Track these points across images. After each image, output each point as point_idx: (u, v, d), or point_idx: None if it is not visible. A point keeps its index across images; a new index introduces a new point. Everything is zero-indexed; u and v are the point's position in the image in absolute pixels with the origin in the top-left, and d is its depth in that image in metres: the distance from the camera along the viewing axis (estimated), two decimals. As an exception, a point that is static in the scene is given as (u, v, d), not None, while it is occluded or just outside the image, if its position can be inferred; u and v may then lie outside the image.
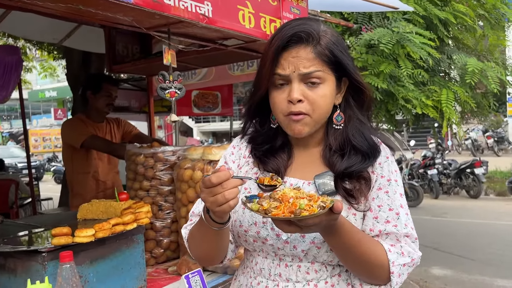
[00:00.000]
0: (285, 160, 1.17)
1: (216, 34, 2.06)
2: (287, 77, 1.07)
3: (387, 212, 1.09)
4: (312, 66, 1.06)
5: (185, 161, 2.13)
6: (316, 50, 1.06)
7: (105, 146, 2.93)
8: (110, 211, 1.98)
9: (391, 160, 1.15)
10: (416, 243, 1.11)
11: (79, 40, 3.42)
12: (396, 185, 1.12)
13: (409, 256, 1.07)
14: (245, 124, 1.24)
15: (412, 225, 1.11)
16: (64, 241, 1.52)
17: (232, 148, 1.27)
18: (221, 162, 1.28)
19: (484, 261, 5.74)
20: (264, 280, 1.14)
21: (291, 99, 1.06)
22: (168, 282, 2.02)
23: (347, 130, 1.14)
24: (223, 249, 1.18)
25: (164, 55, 1.79)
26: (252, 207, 0.94)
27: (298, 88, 1.06)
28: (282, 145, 1.19)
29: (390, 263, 1.04)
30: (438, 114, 4.06)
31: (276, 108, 1.11)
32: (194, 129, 24.75)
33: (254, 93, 1.16)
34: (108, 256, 1.74)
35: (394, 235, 1.08)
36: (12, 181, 6.99)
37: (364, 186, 1.10)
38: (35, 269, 1.54)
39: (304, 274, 1.10)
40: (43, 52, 8.27)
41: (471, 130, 17.36)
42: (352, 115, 1.15)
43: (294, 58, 1.06)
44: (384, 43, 3.49)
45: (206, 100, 5.45)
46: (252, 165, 1.21)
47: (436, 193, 10.57)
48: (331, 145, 1.13)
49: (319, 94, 1.07)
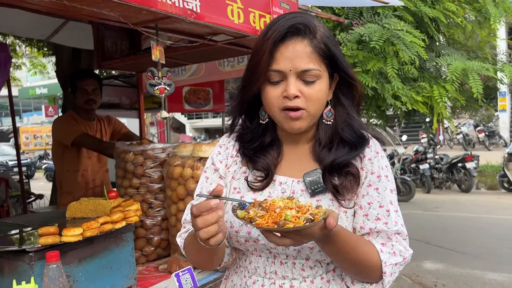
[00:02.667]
0: (275, 158, 1.16)
1: (205, 30, 2.04)
2: (283, 73, 1.05)
3: (377, 209, 1.08)
4: (311, 63, 1.04)
5: (175, 158, 2.11)
6: (312, 43, 1.05)
7: (95, 145, 2.90)
8: (99, 209, 1.95)
9: (381, 155, 1.14)
10: (407, 240, 1.10)
11: (67, 36, 3.36)
12: (387, 181, 1.11)
13: (400, 255, 1.07)
14: (233, 120, 1.22)
15: (402, 222, 1.10)
16: (52, 241, 1.50)
17: (219, 147, 1.25)
18: (208, 163, 1.25)
19: (475, 255, 5.79)
20: (259, 279, 1.13)
21: (288, 95, 1.04)
22: (159, 280, 2.01)
23: (337, 124, 1.13)
24: (220, 257, 1.17)
25: (152, 51, 1.76)
26: (238, 215, 0.93)
27: (295, 84, 1.05)
28: (271, 142, 1.17)
29: (382, 263, 1.04)
30: (428, 110, 4.08)
31: (271, 104, 1.08)
32: (187, 125, 24.66)
33: (246, 89, 1.12)
34: (97, 255, 1.72)
35: (385, 233, 1.08)
36: (2, 179, 6.93)
37: (352, 182, 1.08)
38: (22, 269, 1.52)
39: (300, 271, 1.09)
40: (33, 49, 8.18)
41: (462, 125, 17.50)
42: (341, 111, 1.14)
43: (291, 53, 1.04)
44: (375, 40, 3.48)
45: (197, 96, 5.42)
46: (240, 164, 1.19)
47: (428, 188, 10.65)
48: (321, 140, 1.13)
49: (315, 90, 1.06)
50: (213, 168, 1.22)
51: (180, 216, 2.07)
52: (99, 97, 3.04)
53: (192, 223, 0.96)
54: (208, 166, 1.24)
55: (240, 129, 1.21)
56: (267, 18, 2.17)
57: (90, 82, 2.95)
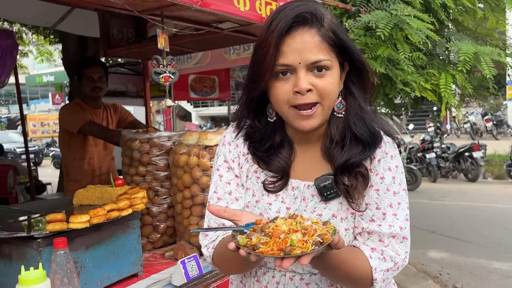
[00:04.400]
0: (288, 159, 1.10)
1: (211, 17, 2.03)
2: (292, 66, 0.99)
3: (373, 211, 1.04)
4: (320, 53, 0.98)
5: (181, 147, 2.11)
6: (320, 32, 0.99)
7: (101, 133, 2.91)
8: (105, 196, 1.97)
9: (392, 155, 1.07)
10: (405, 243, 1.04)
11: (73, 24, 3.35)
12: (392, 182, 1.05)
13: (391, 261, 1.02)
14: (240, 120, 1.15)
15: (403, 225, 1.04)
16: (59, 227, 1.52)
17: (228, 145, 1.17)
18: (220, 161, 1.17)
19: (481, 244, 5.78)
20: (270, 271, 1.12)
21: (300, 89, 0.98)
22: (165, 267, 2.03)
23: (348, 117, 1.07)
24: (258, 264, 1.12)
25: (158, 39, 1.76)
26: (240, 242, 0.85)
27: (305, 77, 0.98)
28: (281, 142, 1.11)
29: (372, 269, 1.01)
30: (436, 98, 4.04)
31: (279, 100, 1.02)
32: (193, 113, 24.66)
33: (252, 87, 1.06)
34: (104, 241, 1.74)
35: (376, 235, 1.03)
36: (10, 166, 7.00)
37: (361, 183, 1.04)
38: (31, 255, 1.54)
39: (310, 267, 1.07)
40: (39, 36, 8.19)
41: (470, 114, 17.35)
42: (353, 102, 1.08)
43: (299, 44, 0.98)
44: (381, 28, 3.44)
45: (203, 84, 5.40)
46: (252, 162, 1.14)
47: (434, 177, 10.61)
48: (332, 136, 1.07)
49: (328, 82, 1.00)
50: (227, 166, 1.15)
51: (186, 204, 2.09)
52: (105, 84, 3.04)
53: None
54: (220, 163, 1.16)
55: (247, 128, 1.14)
56: (273, 6, 2.15)
57: (96, 69, 2.95)
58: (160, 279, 1.88)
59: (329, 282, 1.09)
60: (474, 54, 3.66)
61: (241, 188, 1.14)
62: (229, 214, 0.95)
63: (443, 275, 4.89)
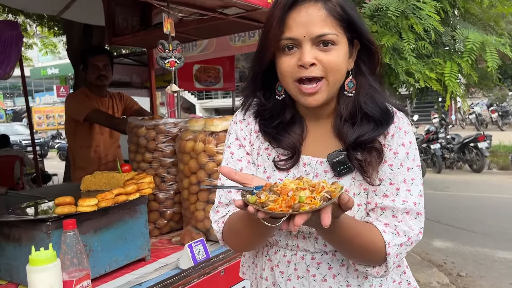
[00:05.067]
0: (299, 135, 1.10)
1: (216, 3, 2.02)
2: (297, 40, 0.99)
3: (386, 186, 1.04)
4: (326, 27, 0.98)
5: (187, 133, 2.12)
6: (327, 6, 0.99)
7: (107, 121, 2.93)
8: (112, 182, 1.98)
9: (405, 131, 1.06)
10: (420, 219, 1.04)
11: (78, 12, 3.35)
12: (405, 158, 1.04)
13: (405, 235, 1.01)
14: (247, 96, 1.15)
15: (417, 200, 1.03)
16: (68, 210, 1.54)
17: (240, 123, 1.17)
18: (232, 138, 1.17)
19: (485, 234, 5.79)
20: (281, 250, 1.12)
21: (303, 63, 0.98)
22: (172, 251, 2.05)
23: (359, 97, 1.06)
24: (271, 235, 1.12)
25: (163, 23, 1.76)
26: (249, 200, 0.86)
27: (310, 51, 0.98)
28: (292, 118, 1.11)
29: (386, 244, 1.00)
30: (441, 87, 4.02)
31: (285, 75, 1.02)
32: (197, 105, 24.66)
33: (259, 61, 1.07)
34: (111, 225, 1.75)
35: (390, 210, 1.03)
36: (17, 157, 7.07)
37: (375, 158, 1.03)
38: (40, 238, 1.56)
39: (321, 246, 1.08)
40: (43, 28, 8.19)
41: (475, 105, 17.24)
42: (363, 81, 1.07)
43: (304, 18, 0.98)
44: (392, 10, 3.41)
45: (207, 74, 5.40)
46: (263, 139, 1.14)
47: (439, 168, 10.59)
48: (342, 114, 1.07)
49: (333, 56, 0.99)
50: (238, 143, 1.16)
51: (193, 190, 2.10)
52: (111, 73, 3.05)
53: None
54: (231, 141, 1.17)
55: (257, 106, 1.15)
56: (279, -9, 2.14)
57: (101, 58, 2.96)
58: (168, 263, 1.90)
59: (340, 262, 1.09)
60: (481, 43, 3.64)
61: (252, 165, 1.15)
62: (240, 177, 0.94)
63: (448, 263, 4.91)
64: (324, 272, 1.09)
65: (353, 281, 1.09)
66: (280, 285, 1.13)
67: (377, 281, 1.11)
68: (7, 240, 1.67)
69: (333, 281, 1.08)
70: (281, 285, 1.13)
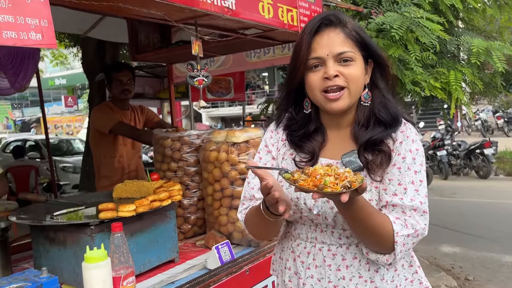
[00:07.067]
0: (320, 142, 1.31)
1: (238, 25, 2.20)
2: (322, 59, 1.20)
3: (395, 186, 1.20)
4: (345, 47, 1.20)
5: (210, 144, 2.29)
6: (344, 31, 1.22)
7: (131, 132, 3.10)
8: (142, 190, 2.16)
9: (412, 140, 1.24)
10: (425, 216, 1.18)
11: (104, 31, 3.55)
12: (412, 163, 1.20)
13: (412, 228, 1.16)
14: (281, 111, 1.38)
15: (423, 200, 1.19)
16: (111, 215, 1.70)
17: (271, 132, 1.41)
18: (262, 145, 1.41)
19: (492, 239, 5.89)
20: (302, 242, 1.32)
21: (328, 75, 1.19)
22: (197, 254, 2.20)
23: (373, 105, 1.27)
24: (279, 227, 1.36)
25: (192, 45, 1.94)
26: (285, 176, 1.08)
27: (333, 66, 1.20)
28: (315, 129, 1.31)
29: (394, 233, 1.14)
30: (446, 96, 4.16)
31: (313, 87, 1.23)
32: (203, 114, 24.89)
33: (290, 79, 1.29)
34: (145, 229, 1.92)
35: (400, 207, 1.18)
36: (32, 167, 7.26)
37: (382, 159, 1.21)
38: (84, 241, 1.72)
39: (337, 239, 1.26)
40: (56, 40, 8.42)
41: (481, 111, 17.31)
42: (377, 93, 1.28)
43: (326, 40, 1.20)
44: (395, 28, 3.58)
45: (219, 85, 5.59)
46: (289, 147, 1.35)
47: (446, 174, 10.68)
48: (359, 121, 1.27)
49: (352, 69, 1.21)
50: (266, 150, 1.39)
51: (216, 196, 2.27)
52: (133, 87, 3.23)
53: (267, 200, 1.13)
54: (261, 148, 1.41)
55: (287, 120, 1.36)
56: (294, 12, 2.32)
57: (125, 73, 3.14)
58: (195, 264, 2.06)
59: (353, 255, 1.25)
60: (485, 48, 3.78)
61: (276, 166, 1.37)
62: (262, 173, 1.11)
63: (456, 268, 5.02)
64: (339, 263, 1.25)
65: (365, 273, 1.25)
66: (301, 273, 1.30)
67: (389, 276, 1.26)
68: (51, 243, 1.83)
69: (346, 271, 1.25)
70: (301, 273, 1.30)
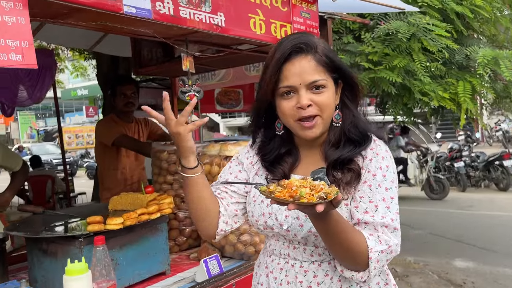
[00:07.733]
0: (291, 163, 1.32)
1: (230, 40, 2.24)
2: (293, 87, 1.20)
3: (366, 204, 1.20)
4: (316, 75, 1.20)
5: (204, 157, 2.32)
6: (315, 58, 1.21)
7: (133, 145, 3.17)
8: (137, 202, 2.20)
9: (382, 157, 1.24)
10: (396, 233, 1.18)
11: (108, 46, 3.66)
12: (383, 180, 1.21)
13: (386, 244, 1.15)
14: (254, 134, 1.39)
15: (394, 217, 1.19)
16: (98, 228, 1.75)
17: (249, 147, 1.43)
18: (235, 156, 1.45)
19: (507, 254, 5.72)
20: (277, 258, 1.33)
21: (302, 105, 1.19)
22: (190, 266, 2.23)
23: (344, 125, 1.28)
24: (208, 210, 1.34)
25: (183, 62, 1.98)
26: (260, 188, 1.09)
27: (306, 95, 1.20)
28: (288, 151, 1.32)
29: (368, 249, 1.14)
30: (455, 106, 4.10)
31: (286, 116, 1.23)
32: (221, 124, 25.08)
33: (261, 103, 1.29)
34: (135, 242, 1.95)
35: (371, 225, 1.18)
36: (49, 177, 7.43)
37: (352, 177, 1.21)
38: (73, 253, 1.77)
39: (309, 256, 1.26)
40: (75, 52, 8.69)
41: (502, 121, 16.93)
42: (348, 113, 1.29)
43: (298, 69, 1.20)
44: (402, 33, 3.57)
45: (228, 97, 5.63)
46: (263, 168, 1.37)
47: (463, 186, 10.45)
48: (330, 141, 1.28)
49: (324, 97, 1.21)
50: (237, 161, 1.43)
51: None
52: (137, 100, 3.30)
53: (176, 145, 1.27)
54: (234, 158, 1.45)
55: (260, 141, 1.38)
56: (288, 28, 2.34)
57: (129, 87, 3.22)
58: (185, 277, 2.08)
59: (324, 272, 1.25)
60: (492, 57, 3.72)
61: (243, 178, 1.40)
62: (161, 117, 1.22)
63: (467, 283, 4.89)
64: (310, 279, 1.25)
65: None
66: None
67: None
68: (44, 255, 1.89)
69: None
70: None
